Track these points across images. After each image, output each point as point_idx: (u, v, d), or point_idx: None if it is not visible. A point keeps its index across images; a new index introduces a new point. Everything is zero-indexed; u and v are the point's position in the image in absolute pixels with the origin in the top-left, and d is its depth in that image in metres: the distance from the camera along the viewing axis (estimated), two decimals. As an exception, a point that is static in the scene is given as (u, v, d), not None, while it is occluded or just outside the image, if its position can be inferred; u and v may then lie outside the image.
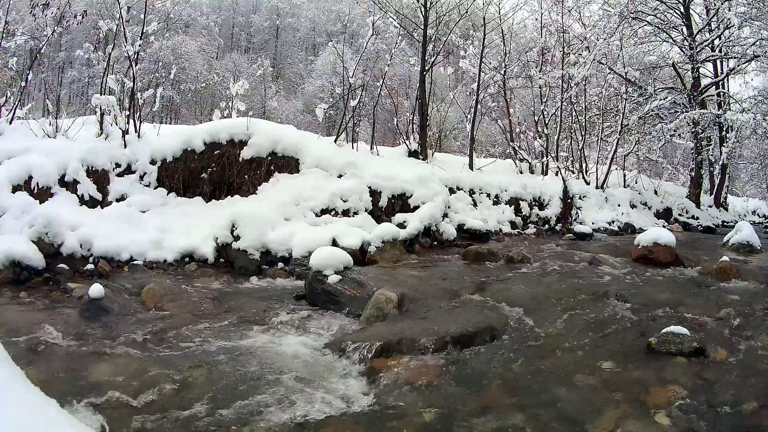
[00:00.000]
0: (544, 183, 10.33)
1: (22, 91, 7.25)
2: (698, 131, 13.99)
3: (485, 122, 16.61)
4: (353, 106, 9.36)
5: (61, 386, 2.68)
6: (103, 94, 6.99)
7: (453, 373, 3.03)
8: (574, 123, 13.20)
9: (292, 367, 3.06)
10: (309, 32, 57.85)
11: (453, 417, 2.55)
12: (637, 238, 6.47)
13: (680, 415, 2.53)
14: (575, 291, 4.69)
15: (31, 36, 8.87)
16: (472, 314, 3.91)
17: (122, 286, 4.62)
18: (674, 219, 12.28)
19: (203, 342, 3.45)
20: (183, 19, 42.63)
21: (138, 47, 7.21)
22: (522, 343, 3.48)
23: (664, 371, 2.98)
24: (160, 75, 15.27)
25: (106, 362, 3.06)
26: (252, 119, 7.47)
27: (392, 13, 10.85)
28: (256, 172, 7.12)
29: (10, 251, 4.63)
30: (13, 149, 5.90)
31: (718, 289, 4.87)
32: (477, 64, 11.38)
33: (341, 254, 4.70)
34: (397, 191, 7.45)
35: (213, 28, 53.75)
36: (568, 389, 2.81)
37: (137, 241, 5.55)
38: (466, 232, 7.67)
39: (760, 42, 13.27)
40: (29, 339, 3.31)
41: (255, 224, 5.84)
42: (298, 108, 41.07)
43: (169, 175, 6.75)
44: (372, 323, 3.77)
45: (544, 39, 12.97)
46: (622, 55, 12.59)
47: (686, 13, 14.04)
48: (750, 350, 3.31)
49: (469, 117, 11.41)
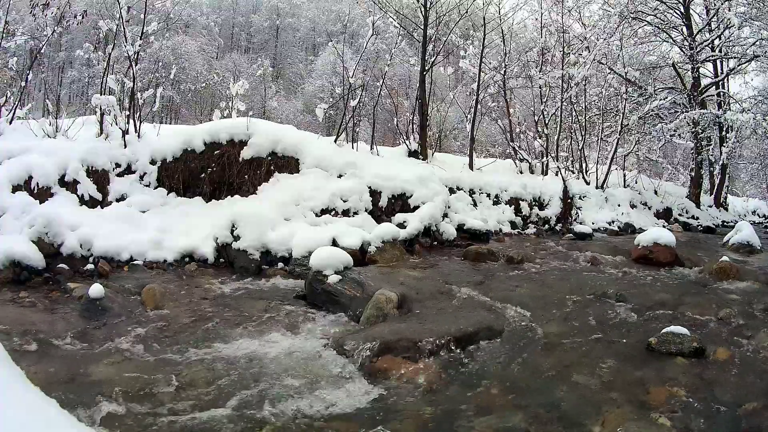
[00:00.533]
0: (544, 183, 10.33)
1: (22, 91, 7.24)
2: (698, 131, 13.99)
3: (485, 122, 16.60)
4: (353, 106, 9.35)
5: (61, 386, 2.68)
6: (103, 94, 6.98)
7: (453, 373, 3.03)
8: (574, 123, 13.19)
9: (291, 367, 3.06)
10: (309, 32, 57.88)
11: (453, 417, 2.55)
12: (637, 238, 6.48)
13: (680, 415, 2.53)
14: (575, 291, 4.69)
15: (31, 36, 8.87)
16: (472, 314, 3.91)
17: (122, 286, 4.63)
18: (674, 219, 12.28)
19: (203, 342, 3.45)
20: (183, 19, 42.62)
21: (138, 47, 7.21)
22: (522, 342, 3.48)
23: (664, 371, 2.99)
24: (160, 75, 15.26)
25: (106, 362, 3.07)
26: (252, 119, 7.47)
27: (392, 13, 10.84)
28: (256, 172, 7.12)
29: (10, 251, 4.63)
30: (13, 149, 5.89)
31: (718, 289, 4.88)
32: (477, 64, 11.38)
33: (341, 254, 4.70)
34: (397, 191, 7.45)
35: (213, 28, 53.77)
36: (568, 389, 2.81)
37: (137, 241, 5.54)
38: (466, 232, 7.67)
39: (760, 42, 13.27)
40: (29, 339, 3.31)
41: (255, 224, 5.84)
42: (298, 108, 41.09)
43: (169, 175, 6.75)
44: (372, 323, 3.77)
45: (544, 39, 12.96)
46: (622, 55, 12.59)
47: (686, 13, 14.04)
48: (750, 350, 3.32)
49: (469, 117, 11.41)
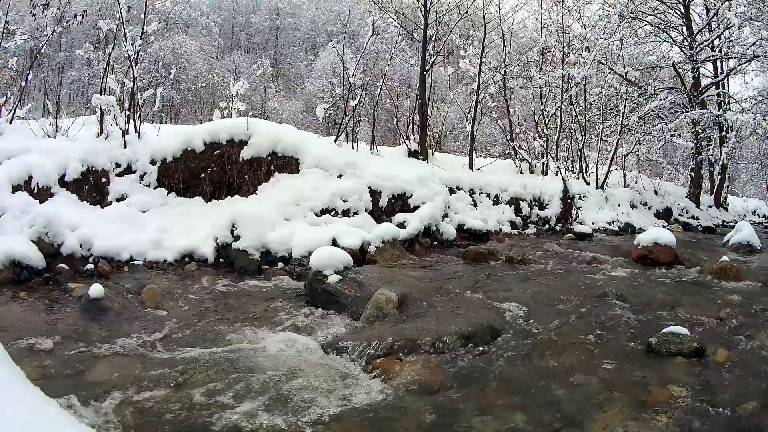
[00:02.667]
0: (544, 183, 10.33)
1: (22, 91, 7.25)
2: (698, 131, 13.99)
3: (485, 122, 16.60)
4: (353, 106, 9.36)
5: (61, 386, 2.68)
6: (103, 94, 6.99)
7: (453, 372, 3.03)
8: (574, 123, 13.21)
9: (291, 367, 3.06)
10: (309, 32, 57.87)
11: (453, 417, 2.55)
12: (637, 238, 6.48)
13: (680, 415, 2.52)
14: (575, 291, 4.69)
15: (31, 36, 8.87)
16: (472, 314, 3.91)
17: (122, 286, 4.63)
18: (674, 219, 12.28)
19: (203, 342, 3.45)
20: (183, 19, 42.64)
21: (138, 47, 7.21)
22: (522, 342, 3.47)
23: (664, 371, 2.98)
24: (160, 75, 15.26)
25: (105, 362, 3.07)
26: (252, 119, 7.47)
27: (392, 13, 10.85)
28: (256, 172, 7.12)
29: (10, 251, 4.63)
30: (13, 149, 5.90)
31: (718, 289, 4.88)
32: (477, 64, 11.38)
33: (341, 254, 4.70)
34: (397, 191, 7.45)
35: (213, 28, 53.77)
36: (569, 389, 2.81)
37: (137, 241, 5.55)
38: (466, 232, 7.67)
39: (760, 42, 13.27)
40: (29, 339, 3.31)
41: (255, 224, 5.84)
42: (298, 108, 41.08)
43: (169, 175, 6.75)
44: (372, 323, 3.77)
45: (544, 39, 12.97)
46: (622, 55, 12.59)
47: (686, 13, 14.04)
48: (750, 350, 3.31)
49: (469, 117, 11.41)
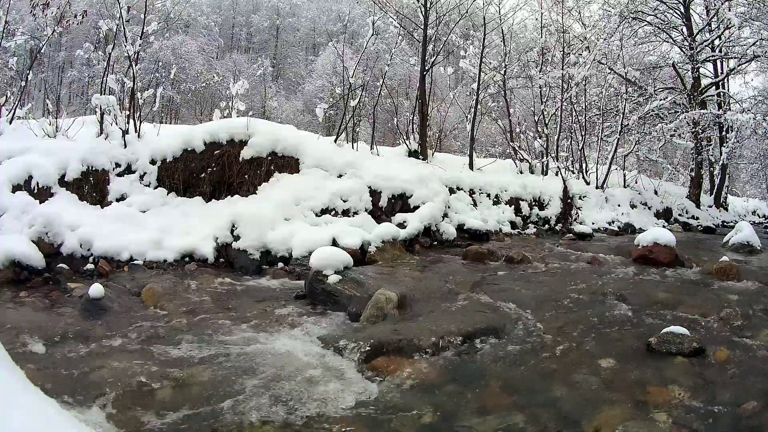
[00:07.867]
0: (544, 183, 10.33)
1: (22, 91, 7.25)
2: (698, 131, 14.00)
3: (485, 122, 16.61)
4: (353, 106, 9.36)
5: (61, 386, 2.68)
6: (103, 94, 6.98)
7: (453, 372, 3.03)
8: (574, 123, 13.21)
9: (291, 367, 3.06)
10: (309, 32, 57.90)
11: (453, 417, 2.55)
12: (637, 238, 6.48)
13: (680, 415, 2.53)
14: (575, 291, 4.69)
15: (31, 36, 8.88)
16: (472, 314, 3.91)
17: (122, 286, 4.63)
18: (674, 219, 12.29)
19: (203, 342, 3.45)
20: (183, 19, 42.65)
21: (138, 47, 7.21)
22: (522, 342, 3.47)
23: (664, 371, 2.98)
24: (160, 75, 15.27)
25: (105, 362, 3.06)
26: (252, 119, 7.46)
27: (392, 13, 10.85)
28: (256, 172, 7.11)
29: (10, 251, 4.63)
30: (13, 149, 5.89)
31: (718, 289, 4.87)
32: (477, 64, 11.38)
33: (341, 254, 4.70)
34: (397, 191, 7.45)
35: (213, 28, 53.79)
36: (568, 389, 2.81)
37: (137, 241, 5.54)
38: (466, 232, 7.67)
39: (760, 42, 13.28)
40: (29, 339, 3.31)
41: (255, 224, 5.84)
42: (298, 108, 41.04)
43: (169, 175, 6.74)
44: (372, 323, 3.77)
45: (544, 39, 12.97)
46: (622, 55, 12.60)
47: (686, 13, 14.06)
48: (750, 350, 3.31)
49: (469, 117, 11.41)
